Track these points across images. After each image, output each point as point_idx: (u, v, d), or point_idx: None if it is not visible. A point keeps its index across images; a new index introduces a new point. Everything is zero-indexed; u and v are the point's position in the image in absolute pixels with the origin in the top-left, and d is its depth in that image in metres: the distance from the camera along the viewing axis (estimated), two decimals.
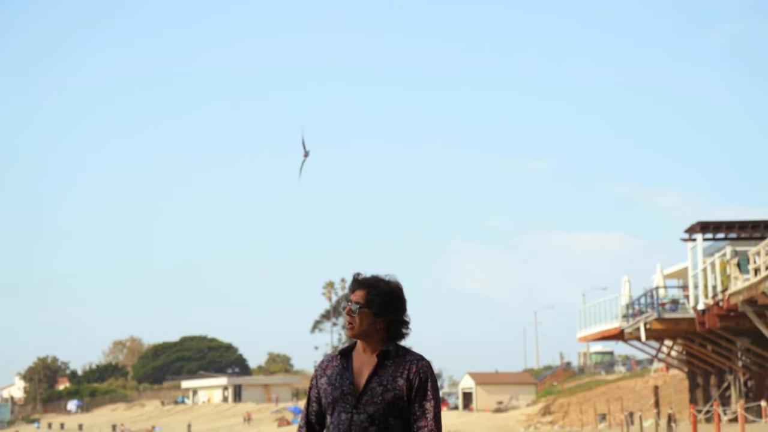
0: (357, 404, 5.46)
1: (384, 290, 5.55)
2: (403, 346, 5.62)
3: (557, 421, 74.39)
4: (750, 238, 42.07)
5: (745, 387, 44.78)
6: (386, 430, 5.46)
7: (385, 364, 5.53)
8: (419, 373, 5.52)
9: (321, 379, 5.65)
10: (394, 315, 5.56)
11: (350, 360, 5.62)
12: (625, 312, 49.74)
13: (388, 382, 5.48)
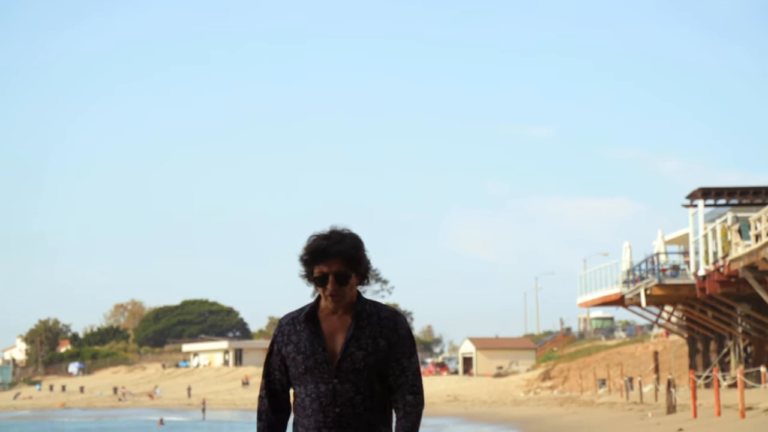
0: (337, 373, 4.90)
1: (355, 246, 5.00)
2: (374, 302, 5.09)
3: (557, 386, 74.65)
4: (751, 204, 42.07)
5: (745, 353, 44.90)
6: (373, 398, 4.96)
7: (362, 325, 4.98)
8: (398, 329, 5.02)
9: (287, 346, 5.03)
10: (365, 267, 5.04)
11: (318, 323, 5.02)
12: (626, 278, 49.81)
13: (369, 344, 4.94)
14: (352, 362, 4.90)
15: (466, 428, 44.11)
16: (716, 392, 27.56)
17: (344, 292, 4.95)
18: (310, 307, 5.07)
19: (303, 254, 5.01)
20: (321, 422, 4.91)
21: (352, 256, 4.94)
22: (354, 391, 4.90)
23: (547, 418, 43.13)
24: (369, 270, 5.06)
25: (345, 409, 4.90)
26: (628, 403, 45.09)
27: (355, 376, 4.91)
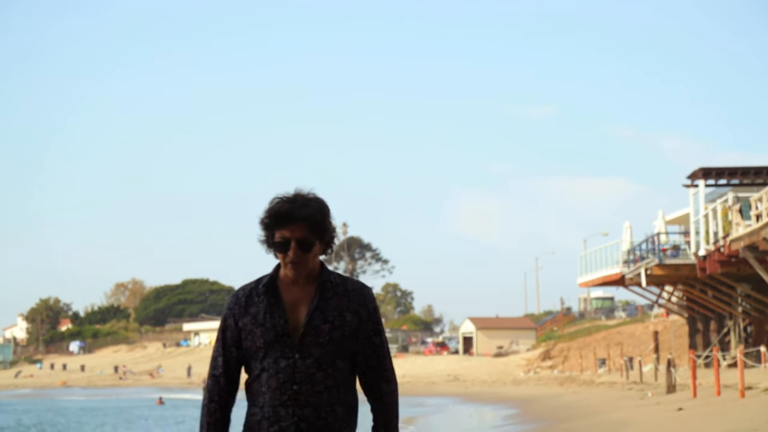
0: (300, 347, 4.50)
1: (321, 211, 4.59)
2: (338, 273, 4.71)
3: (557, 366, 74.76)
4: (752, 184, 42.03)
5: (745, 332, 44.95)
6: (334, 376, 4.54)
7: (327, 296, 4.58)
8: (367, 303, 4.63)
9: (243, 318, 4.61)
10: (330, 235, 4.64)
11: (278, 294, 4.62)
12: (626, 258, 49.82)
13: (335, 317, 4.54)
14: (316, 336, 4.51)
15: (465, 408, 44.20)
16: (716, 372, 27.59)
17: (306, 261, 4.56)
18: (269, 276, 4.66)
19: (264, 217, 4.59)
20: (277, 400, 4.51)
21: (318, 221, 4.54)
22: (315, 367, 4.50)
23: (546, 398, 43.22)
24: (334, 239, 4.66)
25: (304, 387, 4.50)
26: (628, 382, 45.18)
27: (318, 351, 4.51)
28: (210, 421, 4.67)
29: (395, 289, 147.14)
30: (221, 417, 4.67)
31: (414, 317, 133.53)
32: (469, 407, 44.33)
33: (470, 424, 33.83)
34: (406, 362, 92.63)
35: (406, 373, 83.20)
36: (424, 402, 51.80)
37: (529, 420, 30.91)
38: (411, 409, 46.53)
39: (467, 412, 40.57)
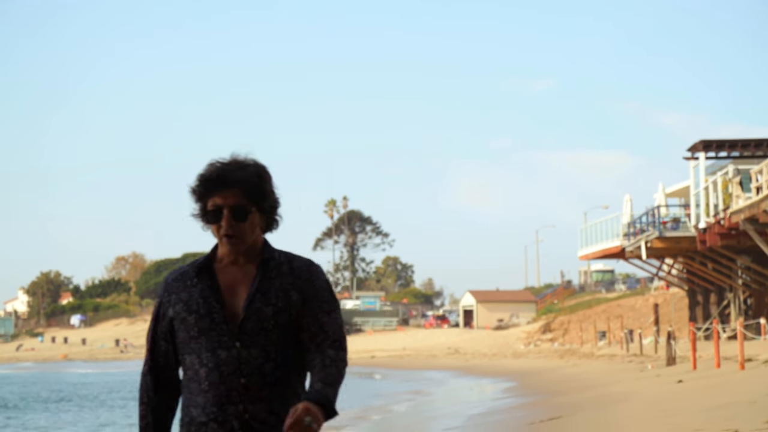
0: (241, 335, 3.96)
1: (259, 175, 4.08)
2: (284, 251, 4.18)
3: (557, 339, 74.89)
4: (752, 156, 41.98)
5: (745, 305, 45.00)
6: (286, 365, 4.02)
7: (270, 276, 4.05)
8: (314, 281, 4.10)
9: (175, 306, 4.06)
10: (271, 203, 4.12)
11: (214, 276, 4.07)
12: (627, 230, 49.83)
13: (278, 299, 4.01)
14: (259, 321, 3.98)
15: (463, 381, 44.29)
16: (716, 344, 27.62)
17: (243, 232, 4.01)
18: (203, 257, 4.13)
19: (195, 184, 4.05)
20: (224, 396, 3.94)
21: (255, 186, 4.02)
22: (263, 357, 3.96)
23: (546, 371, 43.31)
24: (276, 209, 4.13)
25: (253, 380, 3.95)
26: (628, 355, 45.25)
27: (264, 339, 3.97)
28: (143, 426, 4.13)
29: (396, 262, 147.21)
30: (154, 420, 4.12)
31: (414, 290, 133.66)
32: (468, 380, 44.43)
33: (470, 396, 33.90)
34: (407, 335, 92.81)
35: (406, 346, 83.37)
36: (424, 375, 51.91)
37: (528, 393, 30.97)
38: (410, 383, 46.67)
39: (467, 385, 40.66)
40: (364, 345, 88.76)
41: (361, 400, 35.89)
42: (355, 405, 33.31)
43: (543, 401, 26.15)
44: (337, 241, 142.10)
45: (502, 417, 22.79)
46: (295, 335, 4.05)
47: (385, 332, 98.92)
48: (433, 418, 25.85)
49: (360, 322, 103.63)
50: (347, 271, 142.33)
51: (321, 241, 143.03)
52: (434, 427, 22.55)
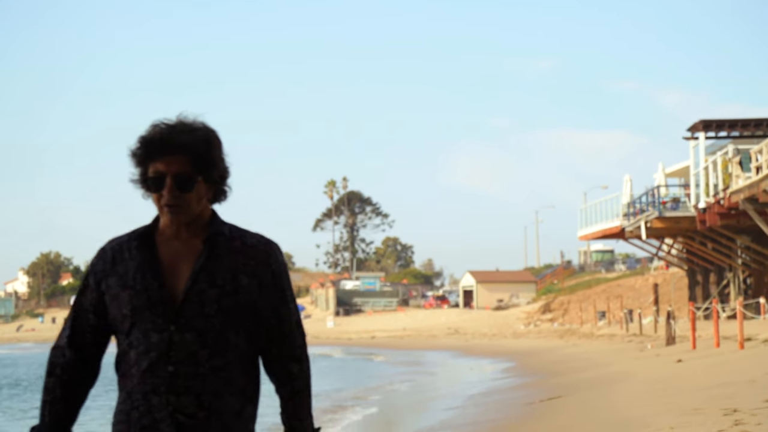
0: (177, 318, 3.51)
1: (207, 141, 3.62)
2: (236, 226, 3.73)
3: (557, 319, 74.98)
4: (752, 136, 41.93)
5: (744, 284, 45.04)
6: (225, 354, 3.55)
7: (217, 254, 3.59)
8: (272, 263, 3.65)
9: (108, 279, 3.61)
10: (221, 172, 3.67)
11: (154, 249, 3.61)
12: (626, 211, 49.82)
13: (227, 281, 3.55)
14: (201, 304, 3.52)
15: (463, 361, 44.35)
16: (715, 324, 27.64)
17: (187, 204, 3.56)
18: (144, 227, 3.67)
19: (135, 147, 3.61)
20: (149, 386, 3.51)
21: (202, 152, 3.56)
22: (198, 343, 3.51)
23: (546, 351, 43.37)
24: (226, 179, 3.69)
25: (182, 368, 3.50)
26: (628, 334, 45.30)
27: (203, 324, 3.51)
28: (47, 400, 3.65)
29: (395, 243, 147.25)
30: (62, 395, 3.64)
31: (414, 271, 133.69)
32: (468, 361, 44.49)
33: (470, 377, 33.95)
34: (407, 316, 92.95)
35: (406, 327, 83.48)
36: (424, 355, 51.99)
37: (528, 373, 31.02)
38: (410, 364, 46.76)
39: (467, 366, 40.72)
40: (364, 325, 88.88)
41: (361, 380, 35.94)
42: (355, 385, 33.36)
43: (542, 381, 26.20)
44: (336, 221, 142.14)
45: (501, 397, 22.83)
46: (241, 322, 3.58)
47: (385, 313, 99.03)
48: (433, 398, 25.89)
49: (360, 302, 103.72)
50: (347, 252, 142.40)
51: (321, 221, 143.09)
52: (434, 407, 22.59)
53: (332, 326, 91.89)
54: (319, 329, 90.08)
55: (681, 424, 11.79)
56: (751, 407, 12.44)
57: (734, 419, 11.48)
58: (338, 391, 31.23)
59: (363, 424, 20.64)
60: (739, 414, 11.94)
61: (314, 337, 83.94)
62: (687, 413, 12.82)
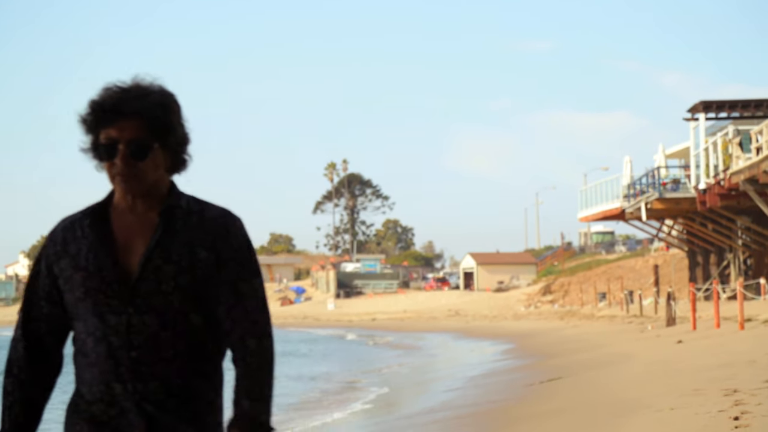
0: (133, 297, 3.25)
1: (164, 105, 3.33)
2: (196, 197, 3.44)
3: (557, 300, 75.06)
4: (753, 117, 41.88)
5: (745, 265, 45.07)
6: (187, 336, 3.29)
7: (174, 228, 3.32)
8: (231, 237, 3.35)
9: (61, 261, 3.35)
10: (179, 138, 3.37)
11: (107, 226, 3.34)
12: (627, 192, 49.81)
13: (183, 256, 3.28)
14: (157, 282, 3.26)
15: (464, 343, 44.41)
16: (716, 304, 27.66)
17: (142, 173, 3.28)
18: (98, 203, 3.40)
19: (85, 112, 3.31)
20: (110, 373, 3.24)
21: (158, 117, 3.28)
22: (159, 325, 3.25)
23: (546, 332, 43.42)
24: (185, 146, 3.39)
25: (145, 353, 3.25)
26: (628, 316, 45.36)
27: (162, 304, 3.26)
28: (6, 405, 3.38)
29: (396, 225, 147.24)
30: (21, 398, 3.37)
31: (415, 253, 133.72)
32: (469, 342, 44.55)
33: (470, 358, 34.00)
34: (407, 298, 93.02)
35: (407, 309, 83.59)
36: (425, 337, 52.06)
37: (528, 354, 31.06)
38: (411, 346, 46.81)
39: (468, 347, 40.77)
40: (365, 308, 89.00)
41: (363, 362, 36.01)
42: (356, 367, 33.43)
43: (542, 362, 26.24)
44: (337, 204, 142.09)
45: (501, 378, 22.87)
46: (202, 300, 3.31)
47: (386, 295, 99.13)
48: (434, 380, 25.95)
49: (360, 284, 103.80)
50: (347, 234, 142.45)
51: (321, 204, 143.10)
52: (434, 389, 22.64)
53: (333, 309, 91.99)
54: (319, 312, 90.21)
55: (681, 404, 11.81)
56: (751, 388, 12.46)
57: (734, 399, 11.50)
58: (340, 373, 31.32)
59: (365, 406, 20.68)
60: (740, 394, 11.96)
61: (315, 319, 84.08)
62: (687, 394, 12.84)
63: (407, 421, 16.42)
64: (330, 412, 19.97)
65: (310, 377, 30.38)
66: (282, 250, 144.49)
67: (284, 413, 20.40)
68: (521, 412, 14.76)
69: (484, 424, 14.12)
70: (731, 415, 10.24)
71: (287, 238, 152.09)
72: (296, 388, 26.50)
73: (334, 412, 19.70)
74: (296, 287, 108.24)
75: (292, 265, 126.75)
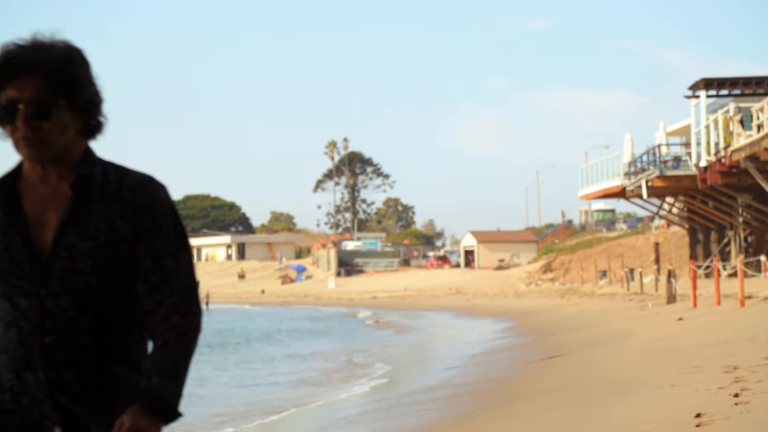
0: (46, 278, 2.94)
1: (69, 60, 2.97)
2: (114, 163, 3.10)
3: (558, 278, 75.07)
4: (753, 94, 41.77)
5: (745, 242, 45.06)
6: (108, 318, 2.98)
7: (89, 199, 2.99)
8: (153, 207, 3.01)
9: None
10: (89, 97, 3.01)
11: (16, 199, 3.02)
12: (627, 170, 49.75)
13: (101, 231, 2.96)
14: (72, 260, 2.94)
15: (464, 321, 44.41)
16: (716, 282, 27.66)
17: (47, 135, 2.93)
18: (5, 174, 3.07)
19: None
20: (21, 361, 2.96)
21: (62, 72, 2.93)
22: (76, 308, 2.94)
23: (547, 310, 43.44)
24: (98, 107, 3.03)
25: (59, 339, 2.94)
26: (629, 293, 45.36)
27: (79, 284, 2.94)
28: None
29: (396, 203, 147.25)
30: None
31: (415, 231, 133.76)
32: (470, 320, 44.56)
33: (471, 336, 34.01)
34: (408, 276, 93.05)
35: (408, 287, 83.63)
36: (425, 315, 52.08)
37: (528, 332, 31.07)
38: (412, 324, 46.82)
39: (468, 325, 40.79)
40: (366, 286, 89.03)
41: (363, 340, 36.06)
42: (357, 345, 33.47)
43: (542, 340, 26.25)
44: (337, 182, 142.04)
45: (502, 356, 22.88)
46: (124, 278, 3.00)
47: (387, 273, 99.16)
48: (434, 358, 25.96)
49: (361, 263, 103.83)
50: (348, 213, 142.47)
51: (322, 182, 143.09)
52: (435, 367, 22.65)
53: (333, 287, 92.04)
54: (320, 290, 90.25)
55: (682, 381, 11.80)
56: (751, 365, 12.45)
57: (734, 376, 11.49)
58: (341, 351, 31.34)
59: (369, 384, 20.71)
60: (740, 371, 11.95)
61: (316, 297, 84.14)
62: (687, 371, 12.83)
63: (408, 398, 16.44)
64: (331, 390, 20.00)
65: (309, 355, 30.44)
66: (283, 228, 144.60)
67: (282, 392, 20.43)
68: (521, 390, 14.76)
69: (484, 401, 14.12)
70: (731, 392, 10.23)
71: (288, 217, 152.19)
72: (294, 367, 26.57)
73: (335, 390, 19.74)
74: (297, 266, 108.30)
75: (292, 244, 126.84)
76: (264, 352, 32.95)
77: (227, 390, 21.41)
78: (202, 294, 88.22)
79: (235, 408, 17.88)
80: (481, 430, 11.29)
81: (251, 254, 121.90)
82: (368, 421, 14.18)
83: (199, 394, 19.89)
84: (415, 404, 15.30)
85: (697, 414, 9.06)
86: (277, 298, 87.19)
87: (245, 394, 20.32)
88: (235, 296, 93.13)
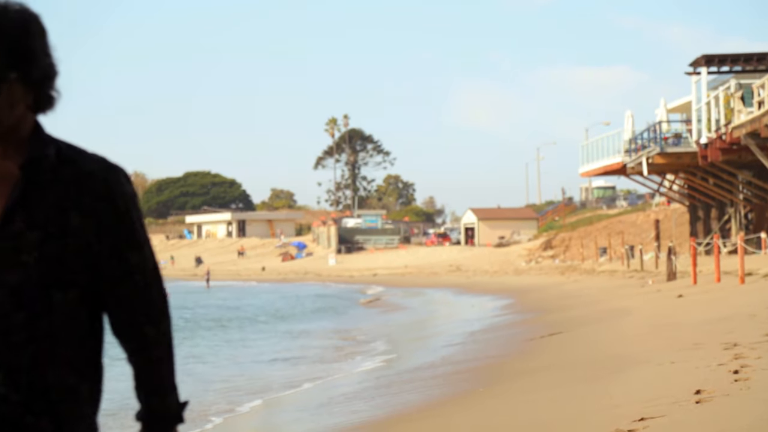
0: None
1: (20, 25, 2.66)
2: (69, 144, 2.78)
3: (558, 255, 75.09)
4: (754, 71, 41.66)
5: (746, 219, 45.04)
6: (49, 318, 2.64)
7: (40, 183, 2.68)
8: (115, 196, 2.74)
9: None
10: (44, 69, 2.71)
11: None
12: (628, 147, 49.68)
13: (51, 220, 2.65)
14: (16, 251, 2.63)
15: (465, 299, 44.47)
16: (716, 259, 27.68)
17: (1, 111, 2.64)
18: None
19: None
20: None
21: (14, 41, 2.63)
22: (13, 304, 2.62)
23: (547, 287, 43.48)
24: (52, 80, 2.75)
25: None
26: (629, 270, 45.39)
27: (18, 278, 2.63)
28: None
29: (397, 180, 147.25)
30: None
31: (416, 209, 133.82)
32: (470, 298, 44.61)
33: (471, 314, 34.05)
34: (408, 253, 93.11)
35: (408, 264, 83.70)
36: (426, 293, 52.14)
37: (528, 309, 31.11)
38: (412, 301, 46.89)
39: (469, 303, 40.85)
40: (366, 263, 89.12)
41: (364, 317, 36.11)
42: (358, 323, 33.52)
43: (543, 317, 26.28)
44: (338, 159, 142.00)
45: (502, 333, 22.91)
46: (73, 273, 2.69)
47: (387, 250, 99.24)
48: (435, 335, 26.01)
49: (361, 240, 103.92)
50: (348, 190, 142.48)
51: (322, 159, 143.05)
52: (435, 344, 22.68)
53: (334, 264, 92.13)
54: (320, 267, 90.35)
55: (681, 358, 11.82)
56: (751, 341, 12.48)
57: (734, 353, 11.51)
58: (342, 329, 31.39)
59: (369, 361, 20.75)
60: (739, 348, 11.97)
61: (316, 274, 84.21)
62: (687, 348, 12.85)
63: (408, 375, 16.48)
64: (331, 367, 20.05)
65: (309, 331, 30.50)
66: (283, 205, 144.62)
67: (281, 369, 20.47)
68: (520, 367, 14.79)
69: (483, 378, 14.15)
70: (731, 368, 10.25)
71: (288, 194, 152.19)
72: (294, 344, 26.61)
73: (335, 368, 19.78)
74: (297, 243, 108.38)
75: (293, 221, 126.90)
76: (269, 329, 33.03)
77: (226, 369, 21.45)
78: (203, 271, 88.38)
79: (239, 384, 17.94)
80: (481, 407, 11.31)
81: (252, 231, 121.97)
82: (367, 398, 14.22)
83: (197, 373, 19.94)
84: (415, 381, 15.34)
85: (697, 390, 9.08)
86: (277, 275, 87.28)
87: (257, 371, 20.37)
88: (236, 273, 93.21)
